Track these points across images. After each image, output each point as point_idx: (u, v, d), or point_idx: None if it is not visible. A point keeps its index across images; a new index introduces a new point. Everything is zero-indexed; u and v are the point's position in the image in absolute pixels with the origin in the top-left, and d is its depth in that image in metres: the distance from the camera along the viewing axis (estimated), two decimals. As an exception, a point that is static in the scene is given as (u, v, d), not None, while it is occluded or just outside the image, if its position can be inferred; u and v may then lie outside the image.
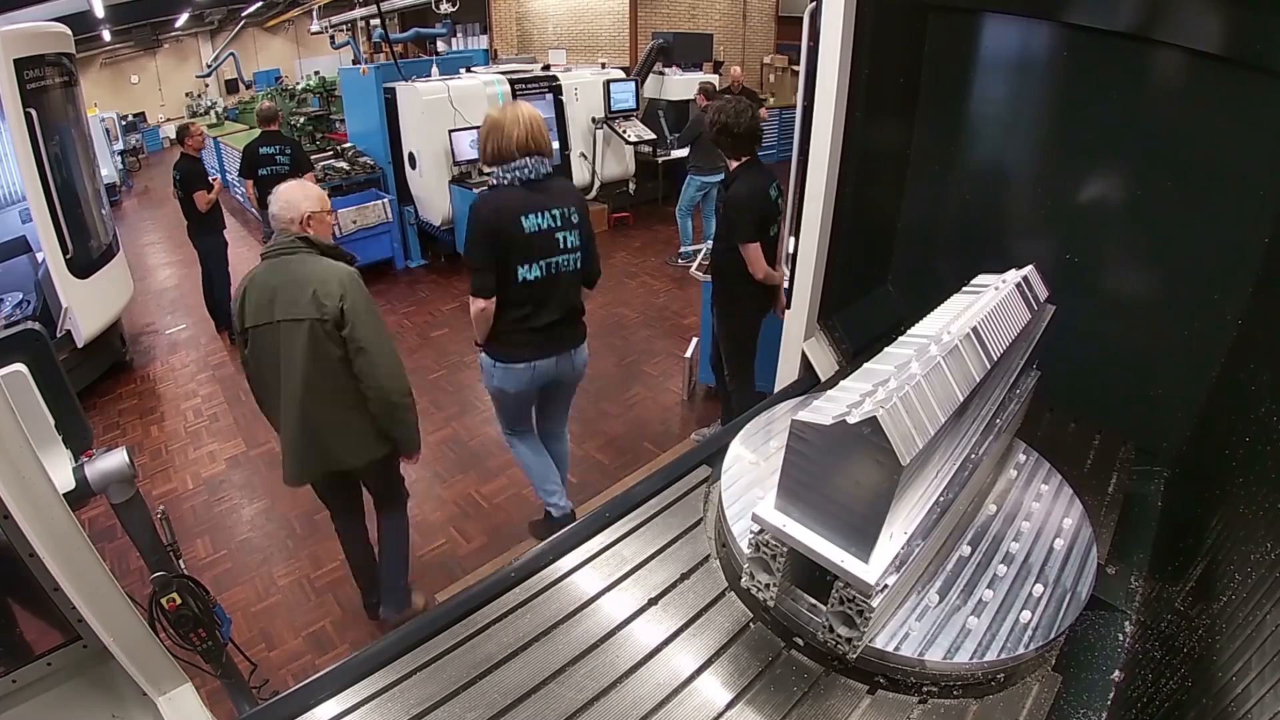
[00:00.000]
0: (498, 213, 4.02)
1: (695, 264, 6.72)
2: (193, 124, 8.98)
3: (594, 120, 11.91)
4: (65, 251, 7.12)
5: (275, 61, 32.06)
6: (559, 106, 11.69)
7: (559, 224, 4.15)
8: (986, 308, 2.43)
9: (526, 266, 4.11)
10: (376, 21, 16.16)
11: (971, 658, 2.14)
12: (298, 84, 24.51)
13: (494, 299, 4.13)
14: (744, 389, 5.62)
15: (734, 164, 4.95)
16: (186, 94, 30.25)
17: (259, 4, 26.23)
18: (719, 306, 5.46)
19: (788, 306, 4.05)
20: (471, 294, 4.14)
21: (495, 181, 4.12)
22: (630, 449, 6.42)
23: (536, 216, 4.07)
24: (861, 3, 3.33)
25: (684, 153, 11.06)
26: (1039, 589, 2.37)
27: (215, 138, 18.30)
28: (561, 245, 4.18)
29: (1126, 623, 2.54)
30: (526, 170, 4.04)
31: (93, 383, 7.87)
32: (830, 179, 3.63)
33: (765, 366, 4.75)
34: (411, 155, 10.64)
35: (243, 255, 11.28)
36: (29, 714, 2.56)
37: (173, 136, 28.40)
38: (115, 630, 2.42)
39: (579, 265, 4.31)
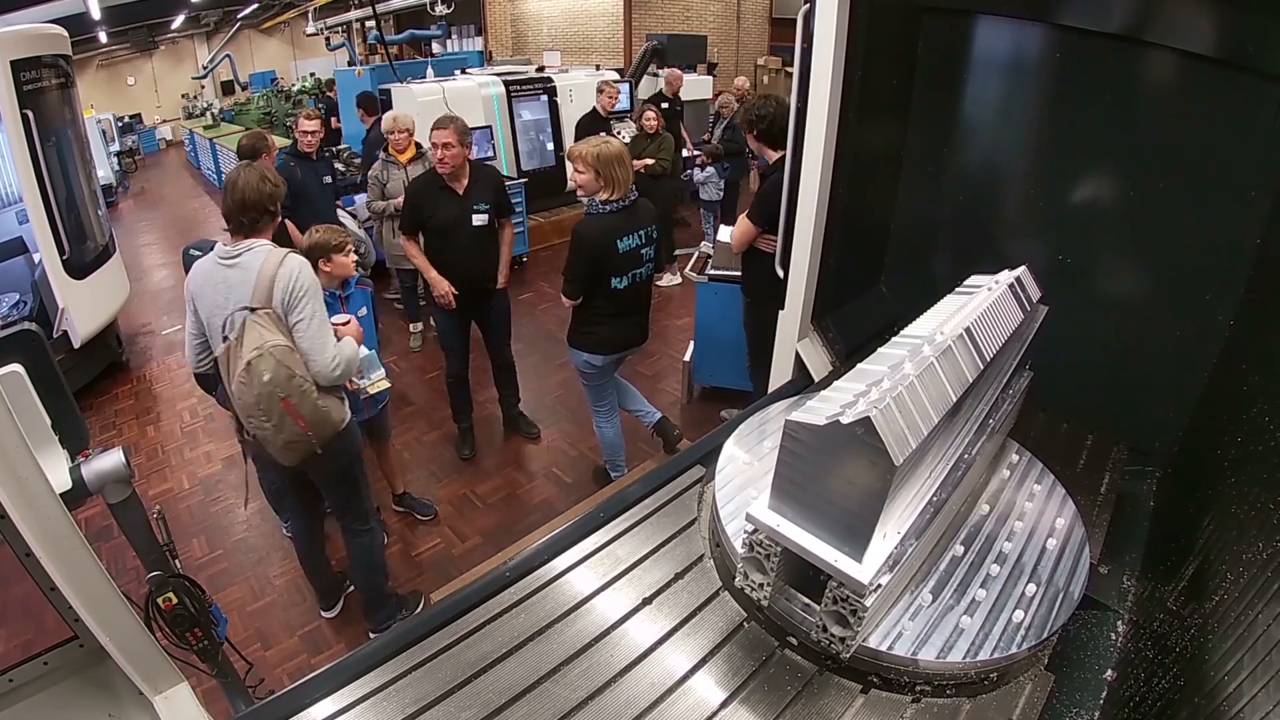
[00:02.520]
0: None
1: (690, 265, 6.73)
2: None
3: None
4: (62, 252, 7.12)
5: (271, 63, 32.08)
6: (554, 108, 11.72)
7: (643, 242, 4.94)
8: (979, 308, 2.44)
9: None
10: (372, 23, 16.19)
11: (965, 657, 2.15)
12: (293, 85, 24.55)
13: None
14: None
15: (774, 156, 5.07)
16: (183, 95, 30.24)
17: (255, 6, 26.23)
18: (751, 296, 5.64)
19: (781, 307, 4.06)
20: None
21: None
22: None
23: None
24: (855, 4, 3.34)
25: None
26: (1032, 588, 2.37)
27: (212, 139, 18.35)
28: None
29: (1119, 622, 2.55)
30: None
31: (89, 383, 7.87)
32: (824, 180, 3.63)
33: (760, 367, 4.78)
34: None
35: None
36: (26, 713, 2.57)
37: (169, 138, 28.42)
38: (112, 630, 2.43)
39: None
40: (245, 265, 3.49)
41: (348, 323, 4.05)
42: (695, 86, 14.12)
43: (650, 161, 8.86)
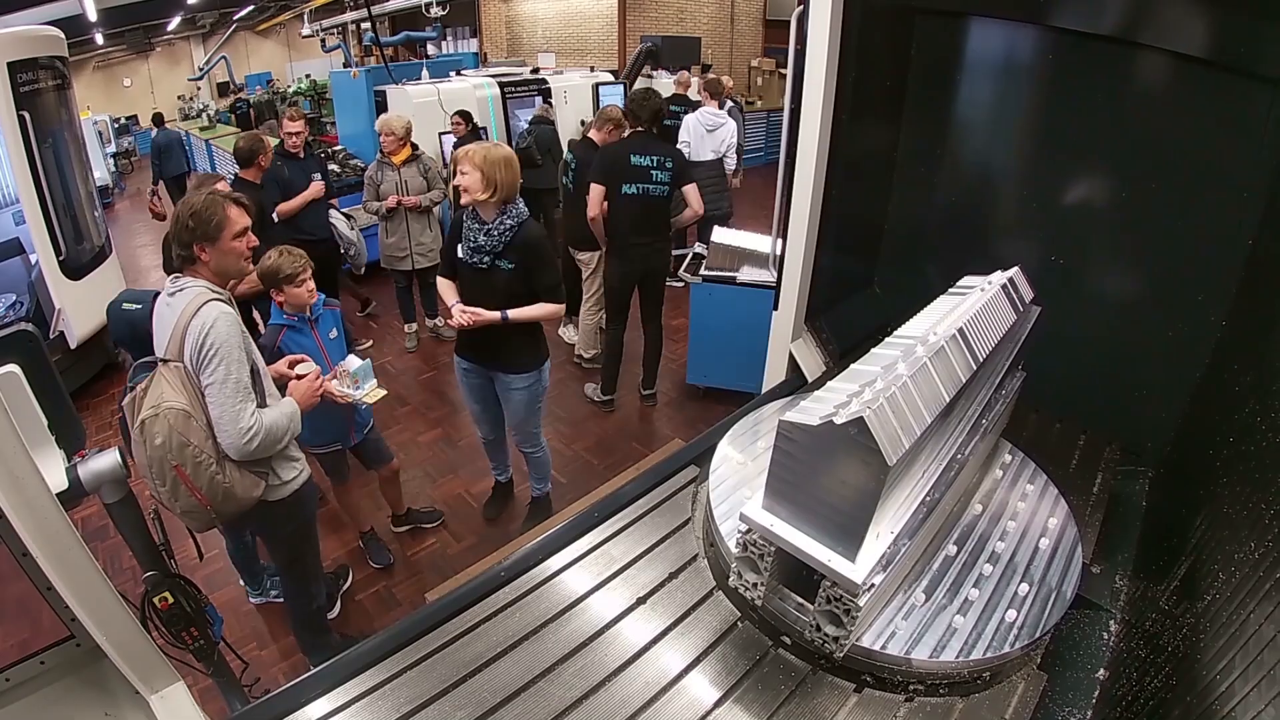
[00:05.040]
0: None
1: (684, 266, 6.74)
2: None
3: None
4: (58, 253, 7.13)
5: (267, 65, 32.03)
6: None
7: None
8: (972, 309, 2.45)
9: None
10: (367, 25, 16.16)
11: (957, 656, 2.16)
12: (289, 87, 24.53)
13: None
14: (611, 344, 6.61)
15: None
16: (179, 97, 30.15)
17: (250, 8, 26.19)
18: None
19: (775, 307, 4.07)
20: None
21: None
22: (618, 449, 6.43)
23: None
24: (848, 6, 3.36)
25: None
26: (1024, 588, 2.39)
27: (208, 140, 18.32)
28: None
29: (1111, 621, 2.56)
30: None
31: (85, 383, 7.84)
32: (817, 181, 3.65)
33: (753, 367, 4.77)
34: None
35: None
36: (23, 712, 2.57)
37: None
38: (108, 629, 2.43)
39: None
40: (175, 306, 3.10)
41: (305, 374, 3.64)
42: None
43: None
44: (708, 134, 9.00)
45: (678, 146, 8.33)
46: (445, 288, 4.43)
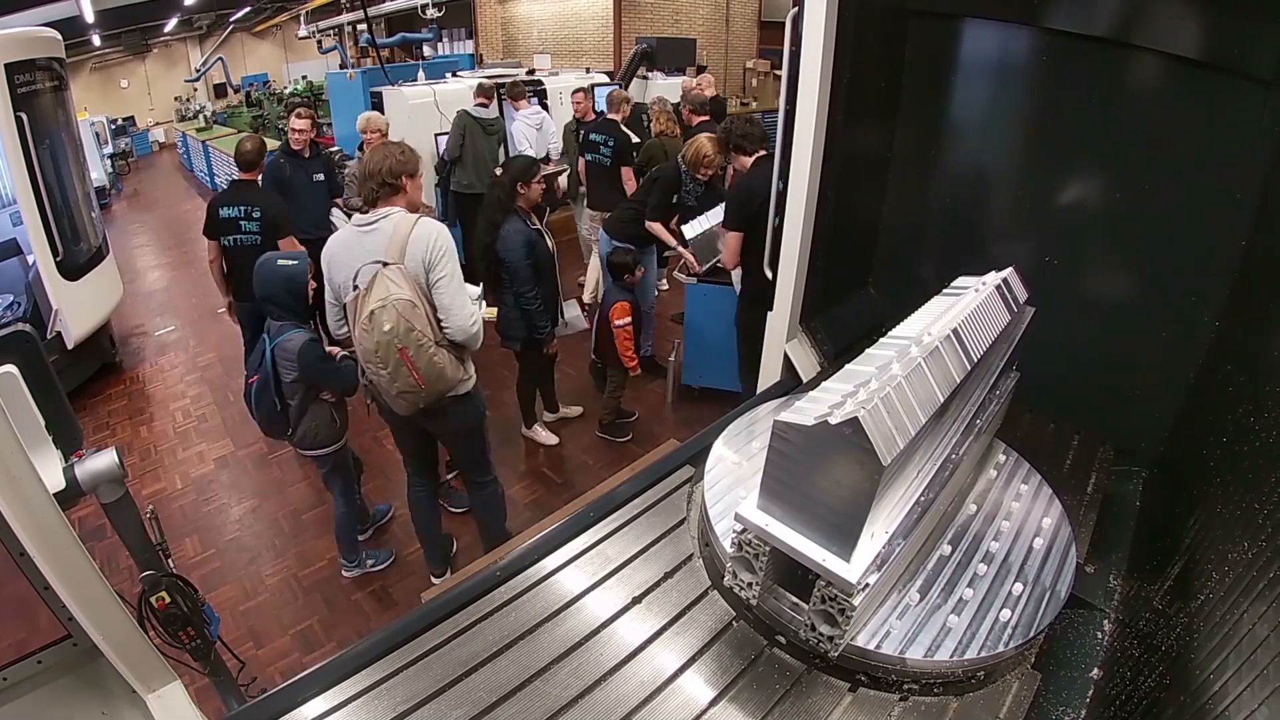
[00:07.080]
0: None
1: (678, 266, 6.74)
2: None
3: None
4: (55, 254, 7.14)
5: (263, 66, 32.03)
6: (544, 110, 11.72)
7: None
8: (967, 309, 2.46)
9: None
10: (363, 27, 16.15)
11: (952, 656, 2.17)
12: (285, 88, 24.55)
13: None
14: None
15: (747, 162, 5.22)
16: (175, 98, 30.18)
17: (247, 9, 26.19)
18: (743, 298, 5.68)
19: (770, 308, 4.07)
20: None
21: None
22: (614, 449, 6.46)
23: None
24: (843, 8, 3.35)
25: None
26: (1019, 588, 2.39)
27: (205, 141, 18.35)
28: None
29: (1105, 621, 2.57)
30: None
31: (83, 384, 7.86)
32: (812, 182, 3.64)
33: (748, 368, 4.80)
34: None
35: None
36: (20, 711, 2.57)
37: (162, 140, 28.36)
38: (105, 628, 2.43)
39: None
40: (381, 229, 3.70)
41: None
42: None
43: None
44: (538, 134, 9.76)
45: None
46: None
